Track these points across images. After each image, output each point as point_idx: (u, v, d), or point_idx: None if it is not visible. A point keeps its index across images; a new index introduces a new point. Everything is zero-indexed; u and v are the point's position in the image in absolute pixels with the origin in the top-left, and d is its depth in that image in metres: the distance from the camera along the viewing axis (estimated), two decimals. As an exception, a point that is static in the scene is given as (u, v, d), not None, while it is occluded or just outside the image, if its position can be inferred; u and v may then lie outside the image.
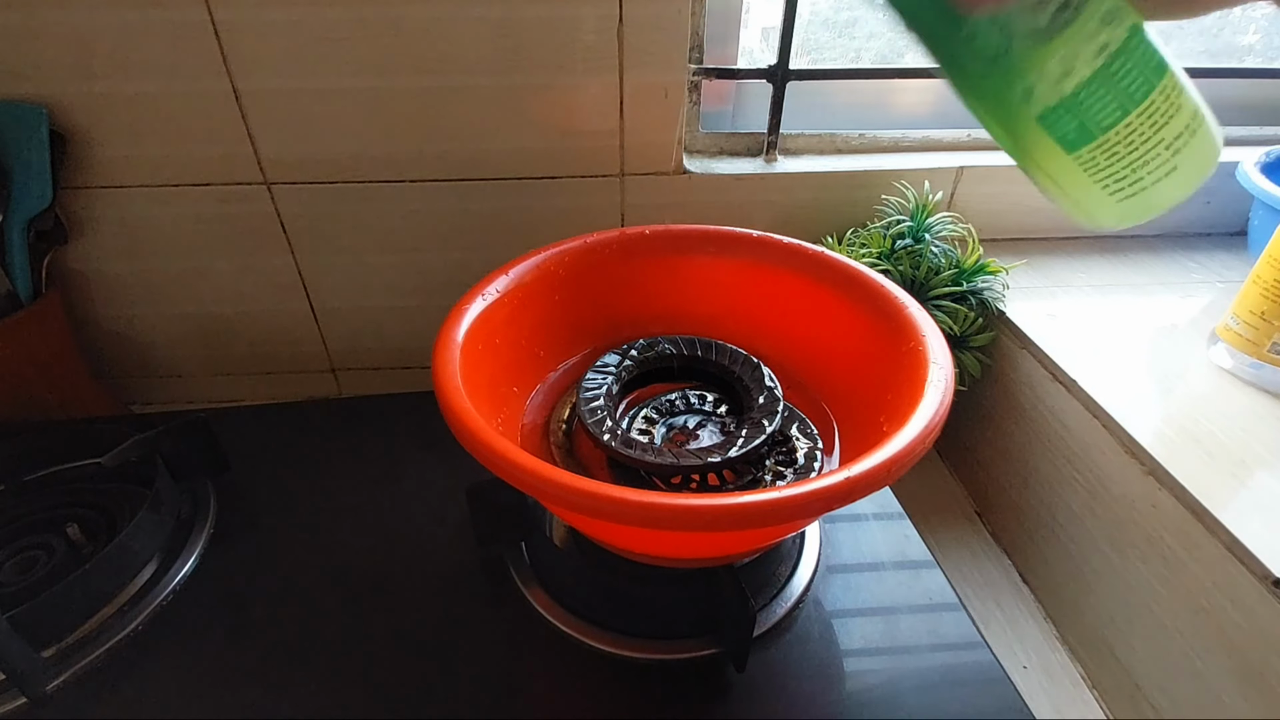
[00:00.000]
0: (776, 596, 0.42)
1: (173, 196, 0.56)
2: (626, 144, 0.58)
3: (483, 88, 0.54)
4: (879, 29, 0.70)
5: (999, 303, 0.58)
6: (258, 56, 0.51)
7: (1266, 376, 0.50)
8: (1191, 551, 0.41)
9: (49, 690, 0.37)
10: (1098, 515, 0.49)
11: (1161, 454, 0.44)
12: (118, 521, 0.45)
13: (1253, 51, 0.72)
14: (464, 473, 0.38)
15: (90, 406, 0.60)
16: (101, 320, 0.63)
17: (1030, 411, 0.56)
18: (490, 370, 0.40)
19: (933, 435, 0.32)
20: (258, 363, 0.67)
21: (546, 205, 0.60)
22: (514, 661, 0.39)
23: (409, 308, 0.65)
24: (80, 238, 0.58)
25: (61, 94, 0.51)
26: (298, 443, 0.54)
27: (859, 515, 0.48)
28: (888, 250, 0.59)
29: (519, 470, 0.30)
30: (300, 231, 0.59)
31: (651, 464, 0.38)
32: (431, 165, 0.57)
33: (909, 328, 0.38)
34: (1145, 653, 0.45)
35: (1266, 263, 0.49)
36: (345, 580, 0.43)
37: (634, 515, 0.29)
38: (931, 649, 0.39)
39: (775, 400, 0.41)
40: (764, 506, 0.28)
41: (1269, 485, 0.42)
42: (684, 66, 0.55)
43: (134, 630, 0.40)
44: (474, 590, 0.42)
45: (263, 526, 0.47)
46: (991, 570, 0.57)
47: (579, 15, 0.51)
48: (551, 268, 0.45)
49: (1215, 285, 0.63)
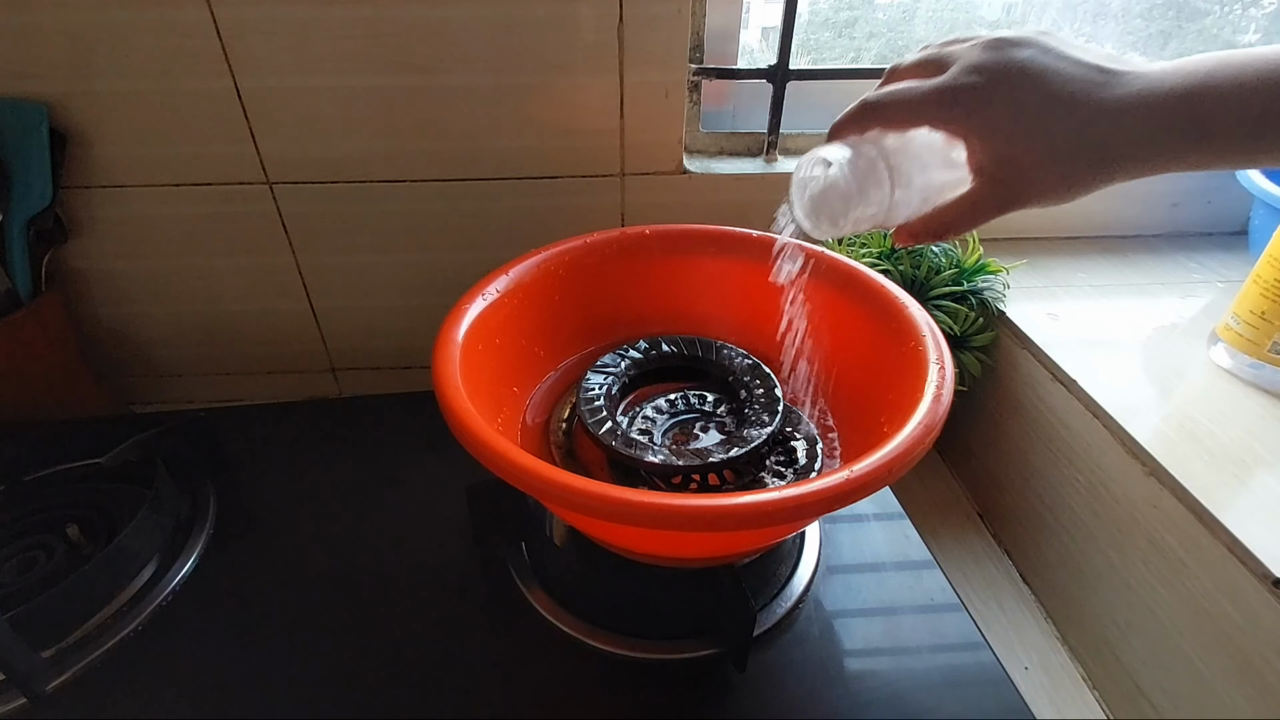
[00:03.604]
0: (776, 596, 0.42)
1: (173, 196, 0.56)
2: (627, 144, 0.58)
3: (483, 87, 0.54)
4: (879, 29, 0.70)
5: (999, 303, 0.58)
6: (260, 55, 0.51)
7: (1266, 376, 0.49)
8: (1192, 552, 0.41)
9: (49, 690, 0.37)
10: (1098, 515, 0.49)
11: (1162, 454, 0.44)
12: (118, 522, 0.45)
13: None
14: (464, 473, 0.38)
15: (90, 406, 0.60)
16: (102, 319, 0.63)
17: (1031, 411, 0.56)
18: (490, 370, 0.40)
19: (933, 435, 0.32)
20: (258, 363, 0.67)
21: (546, 205, 0.60)
22: (514, 661, 0.39)
23: (409, 308, 0.65)
24: (80, 237, 0.58)
25: (62, 93, 0.51)
26: (298, 443, 0.54)
27: (859, 515, 0.48)
28: (888, 250, 0.59)
29: (519, 470, 0.30)
30: (301, 231, 0.59)
31: (651, 464, 0.38)
32: (432, 165, 0.57)
33: (909, 328, 0.38)
34: (1145, 653, 0.45)
35: (1267, 263, 0.49)
36: (345, 580, 0.43)
37: (634, 515, 0.29)
38: (932, 649, 0.39)
39: (775, 400, 0.41)
40: (764, 506, 0.28)
41: (1269, 485, 0.42)
42: (684, 66, 0.55)
43: (134, 630, 0.40)
44: (474, 590, 0.42)
45: (263, 526, 0.47)
46: (992, 571, 0.57)
47: (579, 15, 0.51)
48: (551, 268, 0.45)
49: (1215, 285, 0.63)
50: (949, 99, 0.29)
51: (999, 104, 0.28)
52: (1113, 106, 0.27)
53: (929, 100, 0.29)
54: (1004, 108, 0.28)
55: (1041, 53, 0.28)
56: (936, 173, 0.32)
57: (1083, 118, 0.27)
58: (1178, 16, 0.70)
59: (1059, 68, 0.28)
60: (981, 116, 0.28)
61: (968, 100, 0.28)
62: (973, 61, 0.29)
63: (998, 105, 0.28)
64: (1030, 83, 0.28)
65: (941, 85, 0.29)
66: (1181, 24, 0.71)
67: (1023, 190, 0.29)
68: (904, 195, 0.31)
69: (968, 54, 0.29)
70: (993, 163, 0.29)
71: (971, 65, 0.28)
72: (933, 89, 0.29)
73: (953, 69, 0.29)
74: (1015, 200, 0.29)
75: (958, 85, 0.29)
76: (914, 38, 0.70)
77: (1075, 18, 0.72)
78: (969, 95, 0.28)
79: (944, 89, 0.29)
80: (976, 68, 0.28)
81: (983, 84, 0.28)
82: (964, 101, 0.28)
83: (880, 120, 0.31)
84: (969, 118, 0.29)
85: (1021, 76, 0.28)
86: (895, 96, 0.30)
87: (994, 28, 0.31)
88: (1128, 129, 0.27)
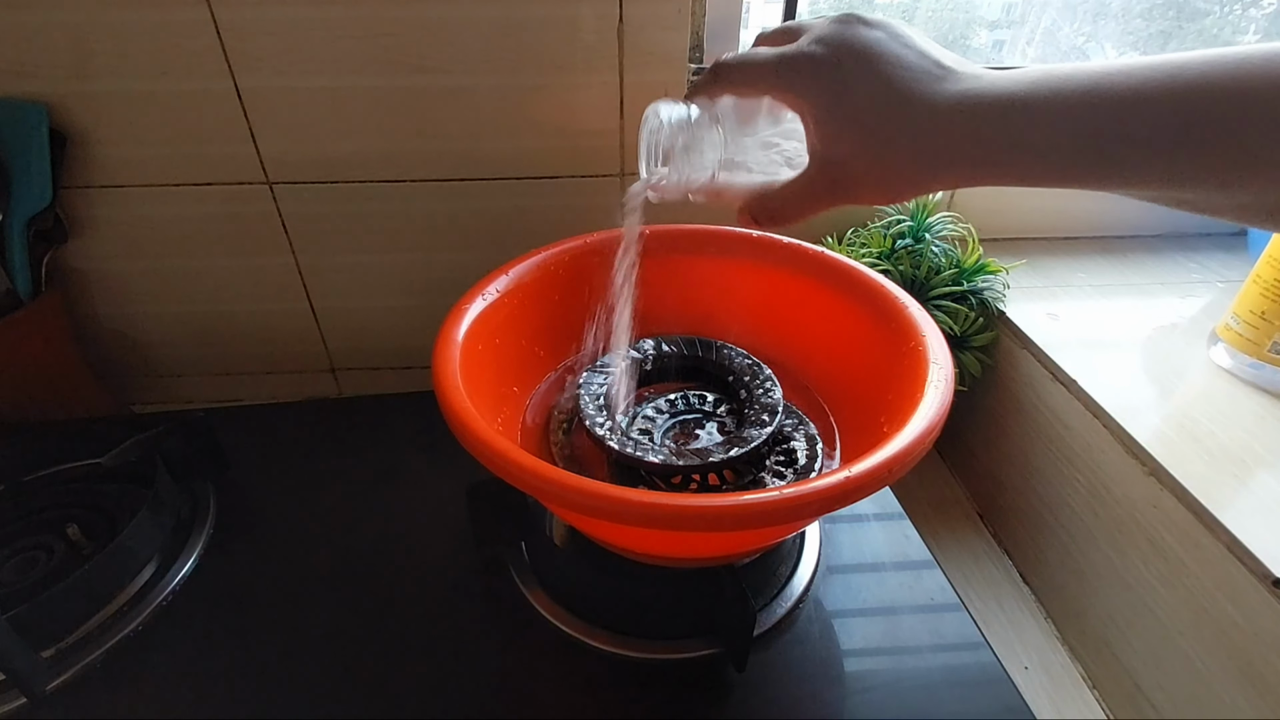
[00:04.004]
0: (776, 596, 0.42)
1: (173, 196, 0.56)
2: (627, 144, 0.58)
3: (483, 87, 0.54)
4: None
5: (999, 303, 0.58)
6: (260, 55, 0.51)
7: (1266, 376, 0.49)
8: (1192, 552, 0.41)
9: (49, 690, 0.37)
10: (1098, 515, 0.49)
11: (1162, 454, 0.44)
12: (118, 521, 0.45)
13: (1253, 51, 0.72)
14: (464, 473, 0.38)
15: (90, 406, 0.60)
16: (102, 319, 0.63)
17: (1031, 411, 0.56)
18: (490, 370, 0.40)
19: (933, 435, 0.32)
20: (258, 363, 0.67)
21: (546, 205, 0.60)
22: (514, 661, 0.39)
23: (409, 308, 0.65)
24: (80, 237, 0.58)
25: (61, 93, 0.51)
26: (298, 443, 0.54)
27: (859, 515, 0.48)
28: (888, 250, 0.59)
29: (519, 470, 0.30)
30: (301, 231, 0.59)
31: (651, 464, 0.38)
32: (432, 165, 0.57)
33: (909, 328, 0.38)
34: (1145, 653, 0.45)
35: (1266, 263, 0.49)
36: (345, 580, 0.43)
37: (634, 515, 0.29)
38: (932, 649, 0.39)
39: (775, 400, 0.41)
40: (764, 506, 0.28)
41: (1269, 485, 0.42)
42: (684, 66, 0.55)
43: (134, 630, 0.40)
44: (474, 590, 0.42)
45: (263, 526, 0.47)
46: (992, 570, 0.57)
47: (579, 15, 0.51)
48: (551, 268, 0.45)
49: (1215, 285, 0.63)
50: (787, 66, 0.28)
51: (837, 77, 0.27)
52: (940, 104, 0.26)
53: (769, 66, 0.28)
54: (840, 81, 0.27)
55: (890, 37, 0.27)
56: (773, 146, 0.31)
57: (910, 113, 0.26)
58: (1178, 16, 0.70)
59: (901, 55, 0.27)
60: (817, 90, 0.27)
61: (806, 70, 0.27)
62: (820, 33, 0.28)
63: (834, 78, 0.27)
64: (869, 64, 0.26)
65: (783, 53, 0.28)
66: (1181, 24, 0.71)
67: (847, 181, 0.28)
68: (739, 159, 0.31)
69: (819, 25, 0.28)
70: (824, 142, 0.28)
71: (817, 36, 0.28)
72: (775, 55, 0.28)
73: (802, 39, 0.28)
74: (839, 190, 0.28)
75: (799, 54, 0.28)
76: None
77: (1075, 17, 0.72)
78: (807, 65, 0.27)
79: (784, 56, 0.28)
80: (822, 39, 0.27)
81: (822, 55, 0.27)
82: (802, 71, 0.27)
83: (726, 84, 0.30)
84: (805, 90, 0.28)
85: (863, 56, 0.27)
86: (741, 60, 0.29)
87: (994, 28, 0.31)
88: (947, 131, 0.25)
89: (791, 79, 0.28)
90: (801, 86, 0.28)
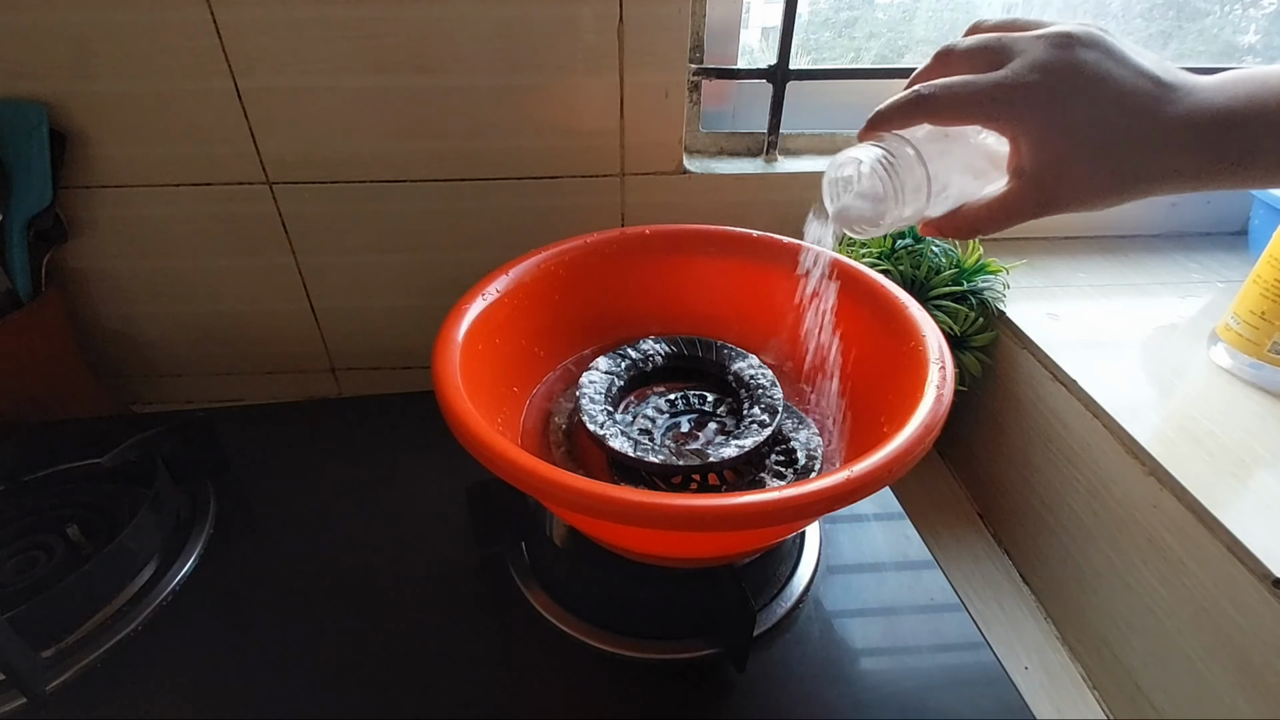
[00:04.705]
0: (776, 596, 0.42)
1: (173, 196, 0.56)
2: (627, 144, 0.58)
3: (483, 87, 0.54)
4: (879, 29, 0.70)
5: (999, 303, 0.58)
6: (260, 55, 0.51)
7: (1266, 376, 0.49)
8: (1192, 552, 0.41)
9: (49, 690, 0.37)
10: (1098, 515, 0.49)
11: (1162, 454, 0.44)
12: (118, 521, 0.45)
13: (1253, 51, 0.72)
14: (464, 473, 0.38)
15: (90, 406, 0.60)
16: (101, 319, 0.63)
17: (1031, 411, 0.55)
18: (490, 370, 0.40)
19: (933, 435, 0.32)
20: (258, 363, 0.67)
21: (546, 205, 0.60)
22: (514, 661, 0.39)
23: (409, 308, 0.65)
24: (80, 237, 0.58)
25: (61, 93, 0.51)
26: (298, 443, 0.54)
27: (859, 515, 0.48)
28: (888, 250, 0.59)
29: (519, 470, 0.30)
30: (301, 231, 0.59)
31: (651, 464, 0.38)
32: (432, 165, 0.57)
33: (909, 328, 0.38)
34: (1145, 653, 0.45)
35: (1267, 263, 0.49)
36: (345, 580, 0.43)
37: (634, 515, 0.29)
38: (932, 649, 0.39)
39: (775, 400, 0.41)
40: (764, 506, 0.28)
41: (1269, 485, 0.42)
42: (684, 66, 0.55)
43: (134, 630, 0.40)
44: (474, 590, 0.42)
45: (263, 526, 0.47)
46: (992, 571, 0.57)
47: (579, 15, 0.51)
48: (551, 268, 0.45)
49: (1215, 285, 0.63)
50: (1006, 98, 0.27)
51: (1057, 107, 0.27)
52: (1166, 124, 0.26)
53: (985, 97, 0.27)
54: (1061, 111, 0.27)
55: (1105, 56, 0.27)
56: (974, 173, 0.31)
57: (1138, 132, 0.27)
58: (1178, 16, 0.70)
59: (1120, 78, 0.27)
60: (1036, 118, 0.27)
61: (1023, 101, 0.27)
62: (1036, 59, 0.27)
63: (1055, 108, 0.27)
64: (1089, 93, 0.27)
65: (1000, 82, 0.27)
66: (1182, 24, 0.71)
67: (1063, 194, 0.28)
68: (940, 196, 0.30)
69: (1032, 48, 0.27)
70: (1038, 165, 0.28)
71: (1033, 63, 0.27)
72: (991, 85, 0.27)
73: (1014, 64, 0.27)
74: (1053, 204, 0.28)
75: (1017, 84, 0.27)
76: (914, 38, 0.70)
77: (1075, 18, 0.71)
78: (1027, 95, 0.27)
79: (1002, 86, 0.27)
80: (1038, 66, 0.27)
81: (1042, 84, 0.27)
82: (1022, 102, 0.27)
83: (928, 115, 0.29)
84: (1023, 120, 0.27)
85: (1084, 80, 0.27)
86: (949, 91, 0.28)
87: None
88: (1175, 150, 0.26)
89: (1007, 109, 0.27)
90: (1017, 116, 0.27)
